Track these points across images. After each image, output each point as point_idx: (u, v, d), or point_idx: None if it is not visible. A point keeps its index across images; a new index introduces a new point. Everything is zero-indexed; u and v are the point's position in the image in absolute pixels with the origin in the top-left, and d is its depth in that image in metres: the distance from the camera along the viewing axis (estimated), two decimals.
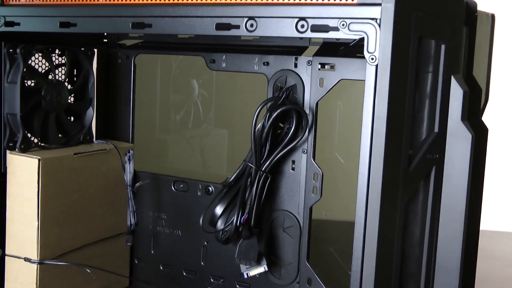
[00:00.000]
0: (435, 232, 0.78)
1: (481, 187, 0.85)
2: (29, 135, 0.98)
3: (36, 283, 0.97)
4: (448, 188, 0.77)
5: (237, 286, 1.06)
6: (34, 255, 0.97)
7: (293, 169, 0.99)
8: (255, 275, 1.00)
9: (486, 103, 0.88)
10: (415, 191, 0.77)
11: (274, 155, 0.95)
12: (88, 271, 1.02)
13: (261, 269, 0.99)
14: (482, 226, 0.90)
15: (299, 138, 0.95)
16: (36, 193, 0.95)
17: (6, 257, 0.99)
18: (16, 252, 0.98)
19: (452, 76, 0.76)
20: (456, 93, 0.76)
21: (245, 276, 1.00)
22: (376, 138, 0.69)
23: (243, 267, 0.99)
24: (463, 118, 0.76)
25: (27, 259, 0.97)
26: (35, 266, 0.97)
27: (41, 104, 0.99)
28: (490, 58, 0.89)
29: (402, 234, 0.75)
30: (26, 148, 0.97)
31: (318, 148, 0.97)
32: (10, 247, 0.99)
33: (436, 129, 0.76)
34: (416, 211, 0.78)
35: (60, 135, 1.04)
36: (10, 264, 0.99)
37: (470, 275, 0.85)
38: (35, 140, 0.99)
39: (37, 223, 0.96)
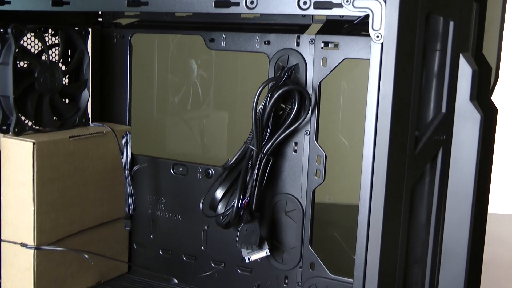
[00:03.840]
0: (442, 215, 0.77)
1: (490, 169, 0.84)
2: (22, 118, 0.97)
3: (33, 269, 0.96)
4: (456, 170, 0.76)
5: (239, 271, 1.05)
6: (30, 240, 0.96)
7: (295, 151, 0.98)
8: (256, 260, 1.00)
9: (496, 82, 0.86)
10: (422, 173, 0.76)
11: (275, 137, 0.94)
12: (86, 256, 1.01)
13: (263, 253, 0.98)
14: (490, 209, 0.88)
15: (301, 119, 0.94)
16: (31, 178, 0.94)
17: (2, 242, 0.98)
18: (12, 238, 0.97)
19: (460, 54, 0.74)
20: (465, 72, 0.74)
21: (247, 261, 0.99)
22: (381, 119, 0.68)
23: (244, 252, 0.98)
24: (471, 98, 0.74)
25: (23, 245, 0.96)
26: (31, 251, 0.96)
27: (35, 86, 0.98)
28: (501, 36, 0.87)
29: (407, 218, 0.74)
30: (20, 131, 0.96)
31: (321, 129, 0.96)
32: (5, 233, 0.98)
33: (443, 110, 0.75)
34: (423, 194, 0.77)
35: (54, 118, 1.02)
36: (6, 249, 0.98)
37: (477, 259, 0.84)
38: (29, 123, 0.98)
39: (32, 208, 0.94)
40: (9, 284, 0.99)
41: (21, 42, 0.96)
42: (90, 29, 1.07)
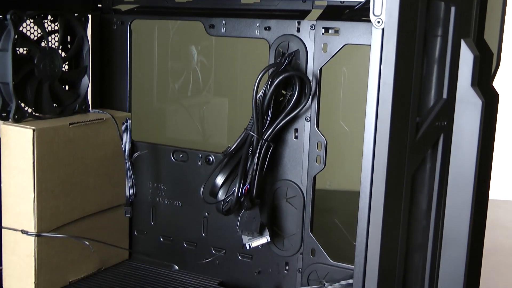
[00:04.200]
0: (443, 202, 0.77)
1: (491, 155, 0.83)
2: (22, 105, 0.96)
3: (34, 256, 0.96)
4: (457, 156, 0.76)
5: (239, 257, 1.05)
6: (31, 227, 0.95)
7: (296, 137, 0.97)
8: (257, 246, 1.00)
9: (498, 68, 0.85)
10: (422, 159, 0.76)
11: (276, 123, 0.94)
12: (87, 243, 1.01)
13: (264, 240, 0.98)
14: (491, 195, 0.88)
15: (302, 105, 0.93)
16: (31, 165, 0.93)
17: (2, 229, 0.98)
18: (13, 225, 0.97)
19: (462, 40, 0.74)
20: (466, 57, 0.73)
21: (247, 248, 0.99)
22: (382, 105, 0.67)
23: (245, 238, 0.98)
24: (473, 84, 0.74)
25: (24, 232, 0.96)
26: (32, 238, 0.96)
27: (34, 73, 0.97)
28: (503, 21, 0.86)
29: (408, 204, 0.74)
30: (19, 118, 0.95)
31: (321, 116, 0.96)
32: (6, 220, 0.98)
33: (444, 95, 0.74)
34: (423, 180, 0.76)
35: (54, 105, 1.02)
36: (7, 236, 0.98)
37: (478, 245, 0.84)
38: (29, 110, 0.98)
39: (33, 195, 0.94)
40: (10, 271, 0.99)
41: (21, 28, 0.95)
42: (89, 15, 1.07)
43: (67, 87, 1.05)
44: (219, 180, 0.94)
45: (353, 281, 0.72)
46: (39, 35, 1.00)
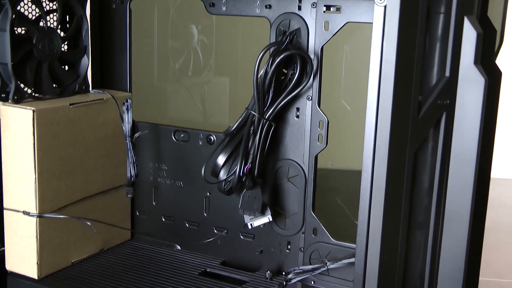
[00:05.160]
0: (445, 180, 0.76)
1: (493, 133, 0.83)
2: (22, 85, 0.96)
3: (36, 237, 0.96)
4: (459, 135, 0.75)
5: (241, 237, 1.05)
6: (32, 208, 0.95)
7: (297, 116, 0.97)
8: (259, 226, 1.00)
9: (501, 45, 0.85)
10: (425, 138, 0.75)
11: (277, 102, 0.93)
12: (89, 224, 1.02)
13: (266, 219, 0.98)
14: (493, 174, 0.87)
15: (303, 84, 0.93)
16: (32, 146, 0.93)
17: (4, 210, 0.98)
18: (15, 206, 0.97)
19: (465, 17, 0.73)
20: (469, 35, 0.73)
21: (249, 227, 0.99)
22: (384, 84, 0.67)
23: (247, 218, 0.99)
24: (476, 62, 0.73)
25: (25, 213, 0.96)
26: (34, 219, 0.96)
27: (33, 53, 0.96)
28: None
29: (410, 183, 0.74)
30: (19, 99, 0.95)
31: (323, 94, 0.95)
32: (8, 201, 0.98)
33: (447, 74, 0.74)
34: (425, 159, 0.76)
35: (54, 85, 1.01)
36: (9, 217, 0.98)
37: (480, 223, 0.84)
38: (29, 91, 0.97)
39: (34, 176, 0.94)
40: (13, 252, 0.99)
41: (18, 8, 0.94)
42: None
43: (66, 68, 1.05)
44: (221, 159, 0.94)
45: (355, 260, 0.72)
46: (37, 14, 0.99)
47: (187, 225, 1.10)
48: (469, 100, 0.74)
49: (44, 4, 0.99)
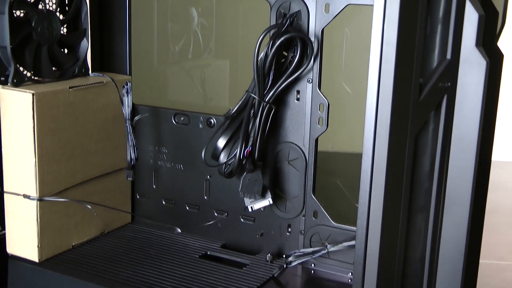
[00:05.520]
0: (446, 163, 0.76)
1: (495, 116, 0.83)
2: (21, 69, 0.95)
3: (37, 220, 0.96)
4: (460, 117, 0.75)
5: (242, 220, 1.06)
6: (33, 191, 0.95)
7: (297, 99, 0.97)
8: (259, 209, 1.00)
9: (503, 27, 0.84)
10: (425, 121, 0.75)
11: (278, 85, 0.93)
12: (89, 207, 1.02)
13: (266, 202, 0.98)
14: (493, 157, 0.87)
15: (304, 67, 0.92)
16: (32, 129, 0.93)
17: (5, 194, 0.98)
18: (15, 189, 0.97)
19: None
20: (471, 17, 0.72)
21: (250, 210, 0.99)
22: (385, 66, 0.66)
23: (247, 201, 0.98)
24: (477, 44, 0.73)
25: (26, 196, 0.96)
26: (34, 202, 0.96)
27: (32, 36, 0.96)
28: None
29: (411, 166, 0.74)
30: (18, 82, 0.94)
31: (324, 77, 0.95)
32: (8, 184, 0.98)
33: (448, 56, 0.73)
34: (426, 142, 0.76)
35: (53, 69, 1.01)
36: (9, 201, 0.98)
37: (480, 206, 0.84)
38: (28, 74, 0.97)
39: (34, 160, 0.94)
40: (14, 235, 0.99)
41: None
42: None
43: (66, 51, 1.04)
44: (221, 142, 0.94)
45: (356, 243, 0.72)
46: None
47: (187, 208, 1.10)
48: (471, 82, 0.74)
49: None
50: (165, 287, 0.92)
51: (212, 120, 1.05)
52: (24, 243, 0.98)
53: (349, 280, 0.97)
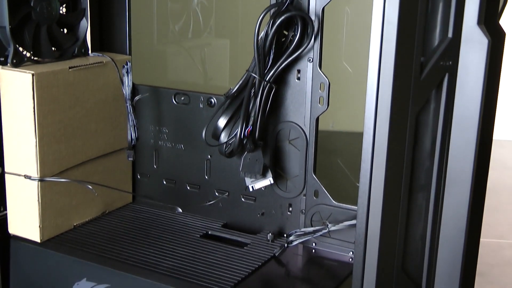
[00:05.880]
0: (447, 142, 0.76)
1: (496, 95, 0.82)
2: (20, 49, 0.95)
3: (38, 200, 0.96)
4: (461, 96, 0.75)
5: (243, 199, 1.06)
6: (34, 172, 0.95)
7: (298, 78, 0.96)
8: (260, 188, 1.00)
9: (505, 5, 0.83)
10: (427, 100, 0.75)
11: (278, 64, 0.93)
12: (90, 187, 1.02)
13: (267, 182, 0.98)
14: (494, 135, 0.87)
15: (304, 46, 0.92)
16: (32, 110, 0.93)
17: (6, 175, 0.98)
18: (16, 170, 0.97)
19: None
20: None
21: (251, 190, 0.99)
22: (386, 45, 0.66)
23: (248, 180, 0.98)
24: (479, 22, 0.72)
25: (27, 177, 0.96)
26: (35, 183, 0.96)
27: (31, 16, 0.95)
28: None
29: (412, 145, 0.73)
30: (18, 63, 0.94)
31: (324, 56, 0.94)
32: (9, 165, 0.98)
33: (450, 34, 0.73)
34: (427, 121, 0.76)
35: (53, 49, 1.00)
36: (10, 181, 0.98)
37: (481, 185, 0.83)
38: (27, 54, 0.96)
39: (34, 140, 0.94)
40: (15, 216, 0.99)
41: None
42: None
43: (65, 31, 1.04)
44: (221, 122, 0.94)
45: (356, 222, 0.72)
46: None
47: (188, 187, 1.11)
48: (472, 61, 0.73)
49: None
50: (166, 266, 0.92)
51: (212, 100, 1.04)
52: (26, 223, 0.98)
53: (350, 259, 0.97)
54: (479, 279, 0.92)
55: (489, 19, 0.74)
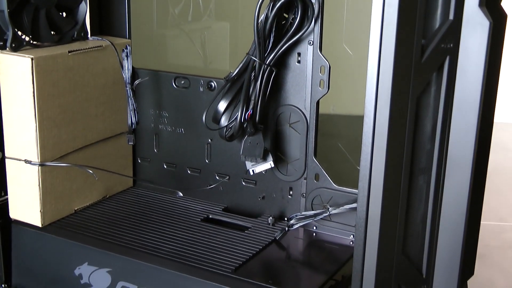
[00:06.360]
0: (448, 125, 0.76)
1: (497, 77, 0.82)
2: (19, 33, 0.94)
3: (38, 185, 0.96)
4: (463, 79, 0.74)
5: (243, 183, 1.06)
6: (34, 157, 0.95)
7: (298, 62, 0.96)
8: (261, 172, 1.00)
9: None
10: (428, 83, 0.74)
11: (278, 47, 0.92)
12: (90, 172, 1.02)
13: (267, 165, 0.98)
14: (496, 118, 0.87)
15: (304, 29, 0.92)
16: (31, 94, 0.93)
17: (6, 159, 0.98)
18: (16, 155, 0.97)
19: None
20: None
21: (251, 173, 0.99)
22: (387, 27, 0.66)
23: (248, 164, 0.98)
24: (480, 4, 0.72)
25: (27, 161, 0.96)
26: (36, 168, 0.96)
27: None
28: None
29: (413, 128, 0.73)
30: (17, 46, 0.94)
31: (325, 39, 0.94)
32: (9, 150, 0.98)
33: (451, 16, 0.72)
34: (428, 104, 0.76)
35: (52, 33, 1.00)
36: (11, 166, 0.98)
37: (482, 168, 0.83)
38: (26, 38, 0.96)
39: (34, 125, 0.94)
40: (16, 200, 0.99)
41: None
42: None
43: (64, 14, 1.03)
44: (222, 106, 0.93)
45: (357, 205, 0.72)
46: None
47: (189, 171, 1.10)
48: (473, 43, 0.73)
49: None
50: (167, 250, 0.92)
51: (212, 83, 1.04)
52: (27, 208, 0.98)
53: (351, 243, 0.98)
54: (479, 262, 0.92)
55: (490, 1, 0.73)
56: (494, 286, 1.31)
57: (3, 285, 1.01)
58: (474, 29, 0.72)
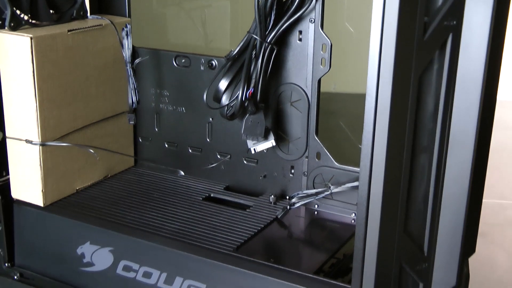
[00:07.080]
0: (450, 103, 0.75)
1: (500, 55, 0.81)
2: (18, 12, 0.93)
3: (40, 165, 0.96)
4: (466, 57, 0.74)
5: (245, 162, 1.06)
6: (35, 137, 0.95)
7: (300, 40, 0.95)
8: (262, 151, 1.00)
9: None
10: (430, 61, 0.74)
11: (279, 25, 0.92)
12: (92, 151, 1.02)
13: (269, 144, 0.98)
14: (498, 96, 0.86)
15: (306, 6, 0.91)
16: (31, 74, 0.92)
17: (7, 139, 0.98)
18: (17, 135, 0.97)
19: None
20: None
21: (253, 152, 0.99)
22: (389, 5, 0.65)
23: (250, 143, 0.98)
24: None
25: (28, 141, 0.96)
26: (37, 147, 0.96)
27: None
28: None
29: (415, 106, 0.73)
30: (16, 26, 0.93)
31: (326, 17, 0.93)
32: (10, 130, 0.97)
33: None
34: (431, 82, 0.75)
35: (51, 11, 0.99)
36: (12, 146, 0.98)
37: (485, 146, 0.83)
38: (25, 18, 0.95)
39: (35, 105, 0.94)
40: (18, 180, 0.99)
41: None
42: None
43: None
44: (223, 84, 0.93)
45: (359, 183, 0.72)
46: None
47: (190, 150, 1.10)
48: (477, 21, 0.72)
49: None
50: (169, 229, 0.92)
51: (213, 62, 1.04)
52: (29, 188, 0.98)
53: (352, 221, 0.98)
54: (481, 240, 0.93)
55: None
56: (495, 264, 1.31)
57: (6, 264, 1.01)
58: (478, 6, 0.71)
